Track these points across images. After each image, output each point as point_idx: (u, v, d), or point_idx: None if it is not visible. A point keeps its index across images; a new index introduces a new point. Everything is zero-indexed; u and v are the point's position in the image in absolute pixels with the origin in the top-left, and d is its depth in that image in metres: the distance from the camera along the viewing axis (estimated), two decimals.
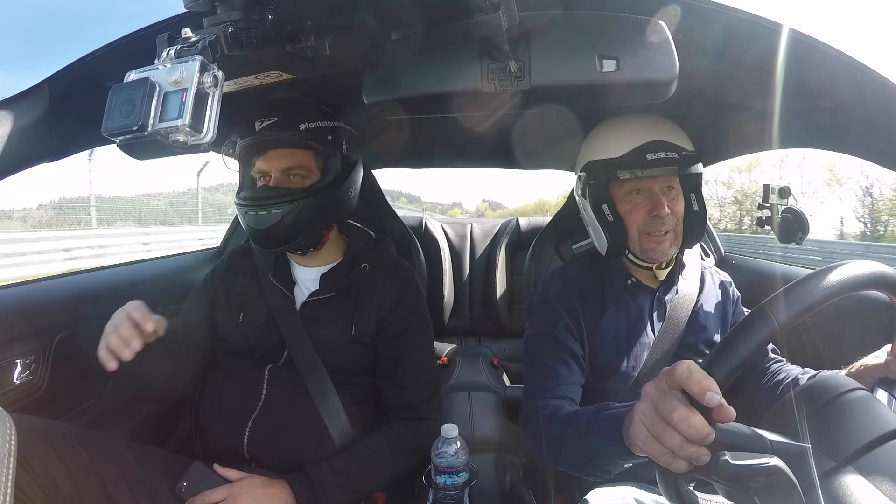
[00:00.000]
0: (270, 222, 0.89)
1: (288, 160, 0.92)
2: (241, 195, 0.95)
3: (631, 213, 0.87)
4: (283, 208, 0.89)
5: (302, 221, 0.91)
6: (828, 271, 0.51)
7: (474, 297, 1.83)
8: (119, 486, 0.76)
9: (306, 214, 0.91)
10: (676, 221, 0.86)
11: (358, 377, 0.97)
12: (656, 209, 0.84)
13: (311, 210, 0.92)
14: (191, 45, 0.50)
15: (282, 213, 0.89)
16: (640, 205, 0.86)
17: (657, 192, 0.85)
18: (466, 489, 0.85)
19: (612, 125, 0.91)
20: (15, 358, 0.89)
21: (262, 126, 0.90)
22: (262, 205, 0.90)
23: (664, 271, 0.91)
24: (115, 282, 1.21)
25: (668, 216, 0.84)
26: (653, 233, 0.85)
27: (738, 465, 0.47)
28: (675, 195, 0.87)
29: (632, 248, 0.88)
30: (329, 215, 0.98)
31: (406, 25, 0.65)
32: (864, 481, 0.47)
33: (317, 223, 0.95)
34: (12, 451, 0.56)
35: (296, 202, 0.90)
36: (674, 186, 0.87)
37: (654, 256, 0.86)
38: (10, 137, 0.65)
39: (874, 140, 0.70)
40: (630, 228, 0.87)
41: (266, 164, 0.93)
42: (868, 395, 0.60)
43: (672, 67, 0.61)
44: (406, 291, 1.02)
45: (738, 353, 0.48)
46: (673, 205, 0.85)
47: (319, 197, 0.93)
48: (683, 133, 0.88)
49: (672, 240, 0.86)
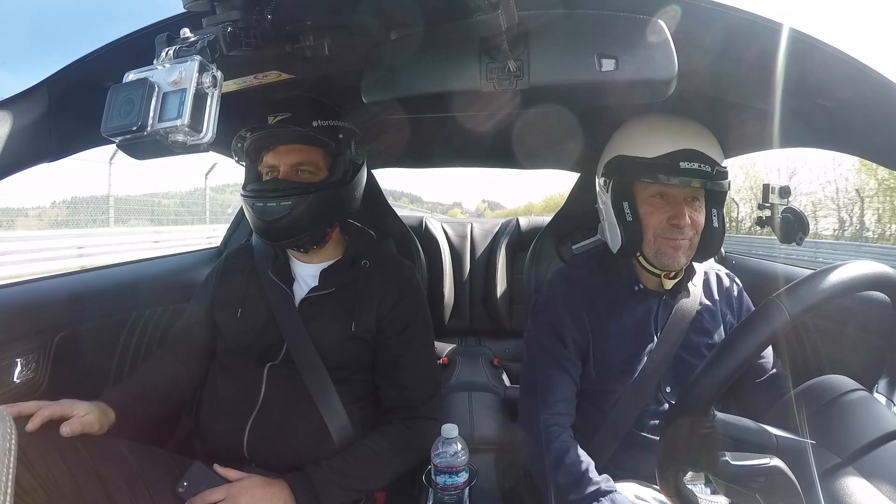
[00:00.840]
0: (278, 214, 0.89)
1: (298, 155, 0.93)
2: (248, 188, 0.95)
3: (650, 216, 0.85)
4: (291, 201, 0.89)
5: (309, 216, 0.91)
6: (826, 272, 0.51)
7: (474, 296, 1.83)
8: (119, 486, 0.76)
9: (313, 209, 0.91)
10: (695, 233, 0.84)
11: (357, 374, 0.97)
12: (677, 218, 0.82)
13: (319, 206, 0.92)
14: (190, 45, 0.50)
15: (290, 205, 0.89)
16: (661, 209, 0.84)
17: (681, 201, 0.83)
18: (466, 489, 0.85)
19: (649, 122, 0.89)
20: (15, 357, 0.89)
21: (275, 120, 0.91)
22: (271, 196, 0.90)
23: (672, 281, 0.89)
24: (115, 281, 1.21)
25: (687, 227, 0.82)
26: (669, 239, 0.83)
27: (739, 465, 0.47)
28: (698, 207, 0.85)
29: (645, 251, 0.86)
30: (335, 213, 0.99)
31: (405, 25, 0.65)
32: (864, 481, 0.47)
33: (323, 220, 0.95)
34: (13, 449, 0.56)
35: (304, 196, 0.90)
36: (698, 198, 0.85)
37: (666, 263, 0.84)
38: (10, 137, 0.65)
39: (874, 140, 0.70)
40: (646, 231, 0.85)
41: (276, 159, 0.93)
42: (868, 395, 0.60)
43: (671, 67, 0.61)
44: (406, 290, 1.01)
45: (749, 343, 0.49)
46: (695, 216, 0.84)
47: (327, 193, 0.93)
48: (718, 146, 0.86)
49: (686, 250, 0.84)
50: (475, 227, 1.93)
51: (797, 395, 0.63)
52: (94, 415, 0.78)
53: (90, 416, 0.77)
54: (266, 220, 0.90)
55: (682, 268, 0.88)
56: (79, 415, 0.76)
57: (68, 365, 0.98)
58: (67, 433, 0.73)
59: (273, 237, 0.93)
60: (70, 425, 0.73)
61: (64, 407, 0.75)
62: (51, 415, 0.73)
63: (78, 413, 0.76)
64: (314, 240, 0.97)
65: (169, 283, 1.32)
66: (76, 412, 0.76)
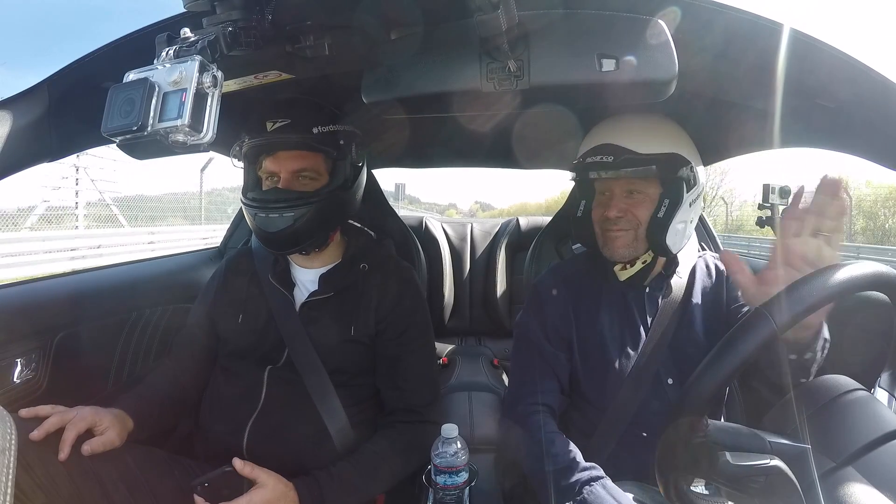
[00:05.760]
0: (282, 225, 0.89)
1: (299, 162, 0.92)
2: (249, 196, 0.94)
3: (593, 211, 0.92)
4: (294, 211, 0.89)
5: (313, 225, 0.90)
6: (827, 272, 0.51)
7: (474, 297, 1.83)
8: (118, 487, 0.76)
9: (317, 218, 0.91)
10: (638, 223, 0.86)
11: (358, 378, 0.97)
12: (607, 210, 0.87)
13: (322, 213, 0.91)
14: (190, 45, 0.50)
15: (294, 216, 0.89)
16: (600, 203, 0.90)
17: (616, 194, 0.88)
18: (466, 489, 0.85)
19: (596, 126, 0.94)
20: (15, 357, 0.89)
21: (274, 127, 0.89)
22: (274, 207, 0.89)
23: (627, 272, 0.91)
24: (115, 281, 1.21)
25: (619, 218, 0.86)
26: (606, 230, 0.88)
27: (739, 465, 0.47)
28: (638, 198, 0.86)
29: (599, 244, 0.91)
30: (337, 218, 0.98)
31: (405, 25, 0.65)
32: (864, 481, 0.47)
33: (326, 226, 0.95)
34: (13, 450, 0.56)
35: (308, 206, 0.89)
36: (637, 190, 0.86)
37: (609, 254, 0.89)
38: (10, 137, 0.65)
39: (874, 140, 0.70)
40: (594, 225, 0.91)
41: (275, 165, 0.92)
42: (868, 395, 0.60)
43: (671, 67, 0.61)
44: (405, 292, 1.01)
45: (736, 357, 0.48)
46: (632, 208, 0.86)
47: (329, 200, 0.93)
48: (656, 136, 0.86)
49: (628, 242, 0.87)
50: (475, 228, 1.93)
51: (797, 395, 0.63)
52: (115, 430, 0.78)
53: (111, 432, 0.77)
54: (269, 230, 0.90)
55: (626, 259, 0.89)
56: (101, 429, 0.77)
57: (68, 365, 0.98)
58: (88, 452, 0.73)
59: (276, 247, 0.93)
60: (92, 445, 0.74)
61: (87, 420, 0.75)
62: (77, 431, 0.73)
63: (101, 426, 0.77)
64: (316, 244, 0.97)
65: (169, 283, 1.32)
66: (99, 426, 0.77)
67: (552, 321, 0.93)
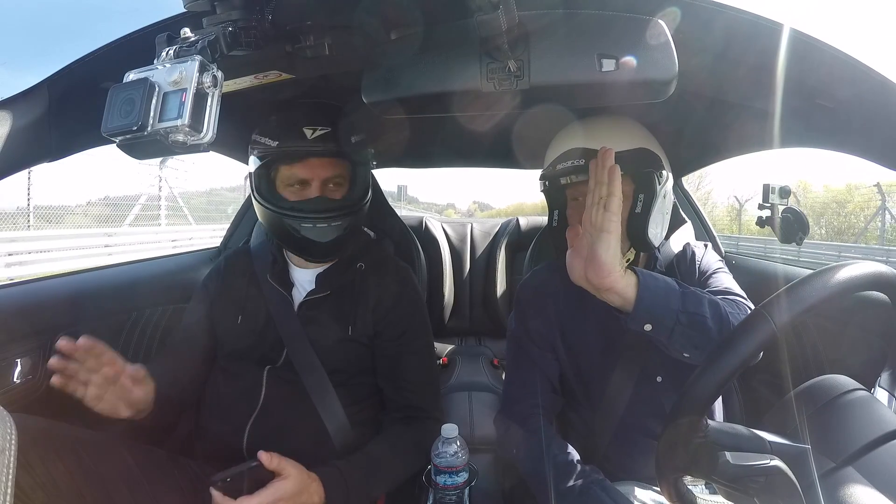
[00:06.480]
0: (333, 235, 0.90)
1: (332, 170, 0.93)
2: (285, 204, 0.91)
3: (569, 219, 0.90)
4: (343, 220, 0.91)
5: (356, 233, 0.94)
6: (827, 272, 0.51)
7: (474, 296, 1.83)
8: (119, 487, 0.76)
9: (357, 227, 0.94)
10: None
11: (357, 377, 0.97)
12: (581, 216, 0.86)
13: (360, 221, 0.95)
14: (190, 44, 0.50)
15: (343, 225, 0.91)
16: (576, 209, 0.88)
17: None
18: (466, 489, 0.85)
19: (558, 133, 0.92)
20: (15, 357, 0.89)
21: (315, 135, 0.89)
22: (324, 217, 0.90)
23: None
24: (115, 281, 1.21)
25: None
26: None
27: (739, 465, 0.47)
28: None
29: None
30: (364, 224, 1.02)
31: (405, 25, 0.65)
32: (863, 481, 0.47)
33: (359, 234, 0.98)
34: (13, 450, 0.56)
35: (352, 215, 0.92)
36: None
37: None
38: (10, 137, 0.65)
39: (874, 140, 0.70)
40: None
41: (308, 172, 0.91)
42: (868, 395, 0.60)
43: (671, 67, 0.61)
44: (403, 292, 1.01)
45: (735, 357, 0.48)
46: None
47: (363, 208, 0.97)
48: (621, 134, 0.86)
49: None
50: (475, 228, 1.93)
51: (797, 395, 0.63)
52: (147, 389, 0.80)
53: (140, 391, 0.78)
54: (320, 240, 0.90)
55: None
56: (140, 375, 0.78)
57: None
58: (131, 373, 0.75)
59: (320, 256, 0.94)
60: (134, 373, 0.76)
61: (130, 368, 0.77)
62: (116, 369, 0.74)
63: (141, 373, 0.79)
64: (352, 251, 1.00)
65: (168, 283, 1.32)
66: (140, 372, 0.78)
67: (535, 324, 0.93)
